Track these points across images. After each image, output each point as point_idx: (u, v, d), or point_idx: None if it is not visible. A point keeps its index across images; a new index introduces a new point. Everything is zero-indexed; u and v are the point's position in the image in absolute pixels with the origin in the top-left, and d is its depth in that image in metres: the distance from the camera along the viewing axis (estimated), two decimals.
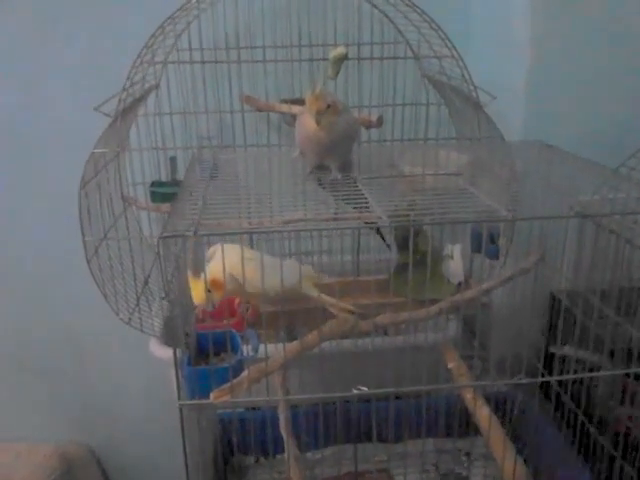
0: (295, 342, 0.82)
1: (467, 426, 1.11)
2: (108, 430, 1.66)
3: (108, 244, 1.03)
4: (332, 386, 0.85)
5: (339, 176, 0.89)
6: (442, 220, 0.76)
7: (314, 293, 0.96)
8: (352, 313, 0.92)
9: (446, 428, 1.17)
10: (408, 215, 0.74)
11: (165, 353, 1.07)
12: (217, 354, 0.89)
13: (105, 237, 1.03)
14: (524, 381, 0.82)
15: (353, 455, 1.12)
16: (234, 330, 0.89)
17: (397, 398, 1.15)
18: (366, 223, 0.85)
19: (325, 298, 0.96)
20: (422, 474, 1.13)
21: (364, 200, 0.80)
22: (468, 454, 1.18)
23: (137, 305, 1.06)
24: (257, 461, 1.19)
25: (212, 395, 0.78)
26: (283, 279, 0.79)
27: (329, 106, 0.84)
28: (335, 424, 1.12)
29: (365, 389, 0.80)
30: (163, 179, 1.21)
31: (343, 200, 0.83)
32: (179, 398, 0.75)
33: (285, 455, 0.93)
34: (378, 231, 1.15)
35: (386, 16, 1.14)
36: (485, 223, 1.00)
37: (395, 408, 1.13)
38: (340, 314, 0.92)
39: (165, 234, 0.66)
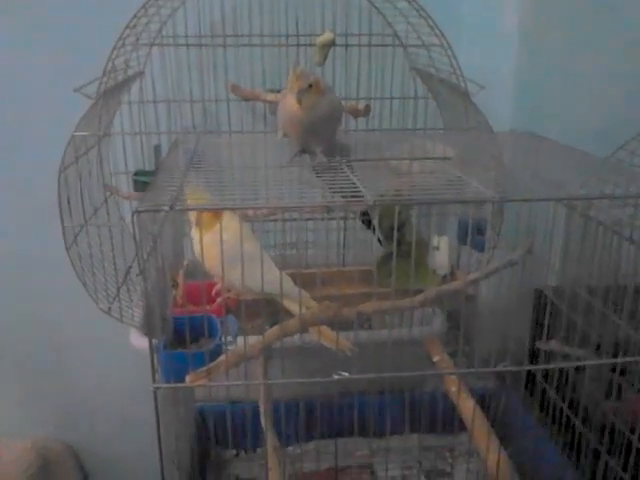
0: (275, 327, 0.80)
1: (451, 422, 1.10)
2: (87, 425, 1.63)
3: (88, 231, 1.01)
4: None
5: (324, 159, 0.88)
6: (429, 200, 0.74)
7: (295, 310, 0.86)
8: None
9: (430, 424, 1.15)
10: (394, 198, 0.72)
11: (146, 344, 1.04)
12: (195, 340, 0.86)
13: (85, 224, 1.01)
14: (509, 369, 0.80)
15: (334, 450, 1.10)
16: (213, 315, 0.87)
17: (380, 393, 1.13)
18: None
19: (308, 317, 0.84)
20: (405, 470, 1.11)
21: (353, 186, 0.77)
22: (452, 450, 1.16)
23: (117, 295, 1.04)
24: (237, 455, 1.17)
25: (188, 378, 0.75)
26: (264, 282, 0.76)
27: (311, 85, 0.83)
28: (317, 418, 1.10)
29: (346, 374, 0.79)
30: (147, 168, 1.19)
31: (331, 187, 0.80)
32: (154, 381, 0.73)
33: (265, 447, 0.91)
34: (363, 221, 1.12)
35: (374, 6, 1.13)
36: (472, 213, 0.99)
37: (378, 403, 1.11)
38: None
39: (140, 208, 0.64)
